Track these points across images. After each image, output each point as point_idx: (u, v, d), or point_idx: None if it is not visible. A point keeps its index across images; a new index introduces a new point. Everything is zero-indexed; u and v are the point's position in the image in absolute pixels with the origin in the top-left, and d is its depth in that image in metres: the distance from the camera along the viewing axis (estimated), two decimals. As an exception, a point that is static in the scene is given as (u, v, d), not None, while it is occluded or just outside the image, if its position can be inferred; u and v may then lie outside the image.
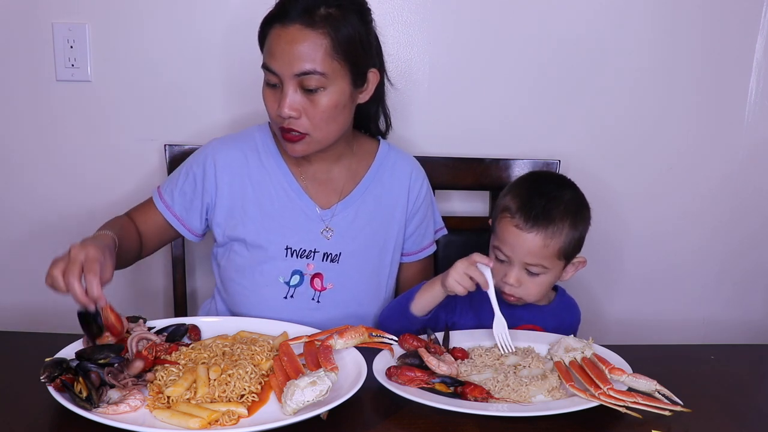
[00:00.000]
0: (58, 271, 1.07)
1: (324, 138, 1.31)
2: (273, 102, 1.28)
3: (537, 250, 1.28)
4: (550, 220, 1.27)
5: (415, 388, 1.06)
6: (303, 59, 1.23)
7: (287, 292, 1.37)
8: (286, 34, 1.23)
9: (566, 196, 1.32)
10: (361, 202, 1.42)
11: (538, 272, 1.30)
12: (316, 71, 1.24)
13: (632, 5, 1.73)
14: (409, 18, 1.71)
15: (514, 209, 1.30)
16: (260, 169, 1.39)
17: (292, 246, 1.37)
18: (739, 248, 1.91)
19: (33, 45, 1.67)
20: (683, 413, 1.02)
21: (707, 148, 1.84)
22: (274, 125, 1.33)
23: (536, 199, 1.29)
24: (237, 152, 1.39)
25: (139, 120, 1.72)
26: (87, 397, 0.95)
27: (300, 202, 1.39)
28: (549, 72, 1.76)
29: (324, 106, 1.26)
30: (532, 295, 1.33)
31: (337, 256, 1.38)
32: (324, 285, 1.38)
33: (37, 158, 1.74)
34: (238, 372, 1.02)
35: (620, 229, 1.88)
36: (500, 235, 1.32)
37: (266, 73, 1.28)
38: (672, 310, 1.94)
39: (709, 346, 1.49)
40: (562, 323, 1.38)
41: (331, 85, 1.26)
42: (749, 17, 1.76)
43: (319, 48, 1.23)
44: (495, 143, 1.78)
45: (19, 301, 1.80)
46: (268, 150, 1.41)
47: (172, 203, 1.41)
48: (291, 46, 1.23)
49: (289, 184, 1.39)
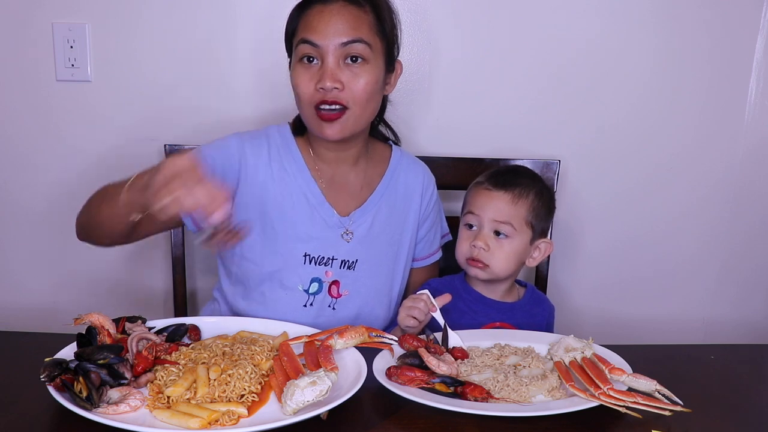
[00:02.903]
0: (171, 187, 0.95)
1: (360, 116, 1.29)
2: (309, 80, 1.25)
3: (506, 208, 1.35)
4: (516, 183, 1.37)
5: (415, 388, 1.06)
6: (350, 28, 1.24)
7: (306, 300, 1.36)
8: (329, 10, 1.24)
9: (533, 176, 1.43)
10: (377, 209, 1.41)
11: (507, 233, 1.35)
12: (363, 39, 1.25)
13: (632, 6, 1.73)
14: (409, 18, 1.71)
15: (484, 179, 1.41)
16: (282, 172, 1.36)
17: (311, 253, 1.35)
18: (739, 248, 1.91)
19: (33, 45, 1.67)
20: (683, 413, 1.02)
21: (707, 148, 1.84)
22: (308, 107, 1.28)
23: (504, 171, 1.44)
24: (262, 152, 1.35)
25: (139, 120, 1.72)
26: (87, 397, 0.95)
27: (320, 208, 1.37)
28: (549, 72, 1.76)
29: (365, 80, 1.26)
30: (500, 262, 1.36)
31: (354, 263, 1.38)
32: (340, 292, 1.37)
33: (37, 158, 1.74)
34: (238, 372, 1.02)
35: (620, 229, 1.88)
36: (470, 201, 1.40)
37: (304, 46, 1.25)
38: (672, 310, 1.94)
39: (709, 346, 1.48)
40: (533, 318, 1.40)
41: (373, 60, 1.27)
42: (749, 17, 1.76)
43: (364, 21, 1.26)
44: (495, 143, 1.78)
45: (19, 301, 1.81)
46: (290, 152, 1.37)
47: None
48: (336, 18, 1.24)
49: (311, 190, 1.36)
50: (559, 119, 1.79)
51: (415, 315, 1.25)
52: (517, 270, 1.42)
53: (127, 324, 1.18)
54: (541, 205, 1.38)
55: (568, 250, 1.85)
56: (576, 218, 1.84)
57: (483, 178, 1.41)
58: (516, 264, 1.39)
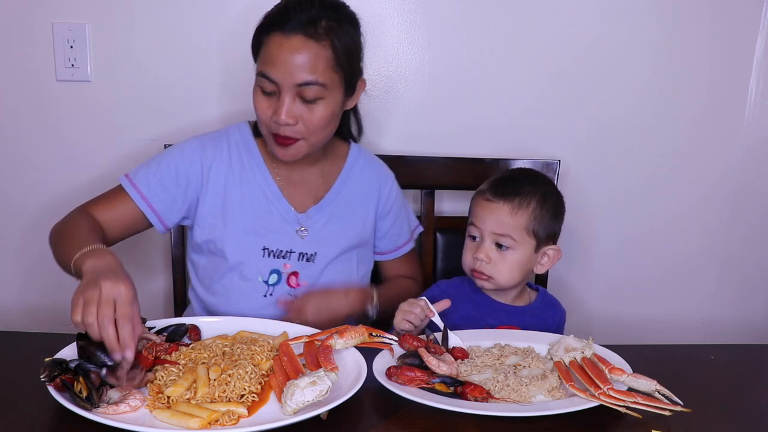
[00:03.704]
0: (91, 310, 1.01)
1: (316, 143, 1.34)
2: (267, 108, 1.30)
3: (504, 219, 1.33)
4: (517, 192, 1.34)
5: (415, 388, 1.06)
6: (305, 70, 1.24)
7: (266, 290, 1.39)
8: (289, 44, 1.24)
9: (538, 180, 1.40)
10: (334, 205, 1.45)
11: (508, 245, 1.34)
12: (318, 82, 1.25)
13: (632, 6, 1.73)
14: (409, 18, 1.72)
15: (486, 187, 1.39)
16: (242, 170, 1.40)
17: (269, 246, 1.39)
18: (739, 248, 1.91)
19: (33, 45, 1.67)
20: (683, 413, 1.02)
21: (707, 148, 1.84)
22: (265, 129, 1.34)
23: (507, 178, 1.41)
24: (222, 152, 1.40)
25: (139, 120, 1.72)
26: (87, 396, 0.95)
27: (277, 204, 1.41)
28: (549, 72, 1.76)
29: (320, 115, 1.29)
30: (504, 274, 1.35)
31: (313, 256, 1.41)
32: (299, 282, 1.41)
33: (37, 158, 1.74)
34: (238, 372, 1.02)
35: (620, 228, 1.88)
36: (472, 211, 1.39)
37: (262, 80, 1.28)
38: (672, 310, 1.94)
39: (709, 346, 1.48)
40: (543, 323, 1.38)
41: (329, 96, 1.29)
42: (749, 17, 1.76)
43: (321, 60, 1.25)
44: (495, 143, 1.78)
45: (19, 301, 1.81)
46: (249, 150, 1.42)
47: (149, 193, 1.36)
48: (293, 56, 1.24)
49: (269, 187, 1.41)
50: (559, 119, 1.79)
51: (411, 320, 1.26)
52: (524, 278, 1.40)
53: (127, 324, 1.18)
54: (545, 212, 1.35)
55: (567, 250, 1.84)
56: (576, 218, 1.83)
57: (485, 186, 1.39)
58: (521, 273, 1.38)
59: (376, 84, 1.75)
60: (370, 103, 1.73)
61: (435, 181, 1.71)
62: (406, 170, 1.68)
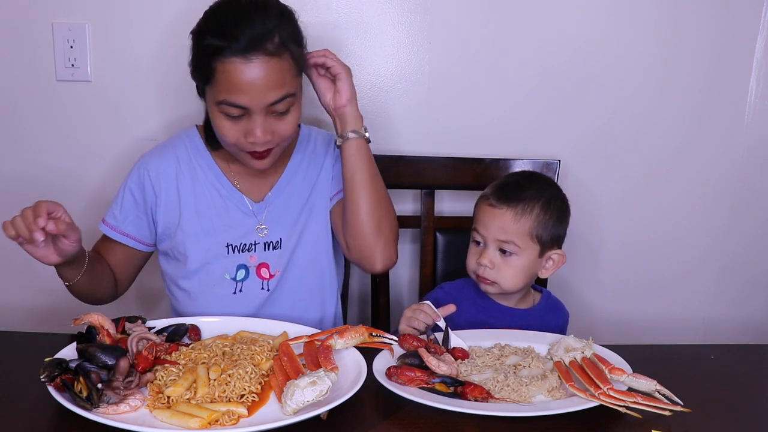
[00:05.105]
0: (18, 218, 1.13)
1: (287, 143, 1.34)
2: (236, 132, 1.26)
3: (507, 226, 1.33)
4: (520, 198, 1.34)
5: (415, 388, 1.06)
6: (275, 88, 1.22)
7: (235, 287, 1.39)
8: (251, 69, 1.19)
9: (542, 185, 1.40)
10: (292, 186, 1.43)
11: (511, 251, 1.33)
12: (288, 94, 1.24)
13: (632, 6, 1.73)
14: (409, 18, 1.71)
15: (489, 192, 1.39)
16: (192, 172, 1.40)
17: (232, 242, 1.39)
18: (739, 248, 1.91)
19: (33, 45, 1.67)
20: (683, 413, 1.02)
21: (707, 148, 1.84)
22: (235, 149, 1.30)
23: (510, 183, 1.40)
24: (168, 159, 1.40)
25: (139, 120, 1.72)
26: (87, 396, 0.95)
27: (233, 198, 1.40)
28: (549, 72, 1.76)
29: (292, 121, 1.29)
30: (508, 279, 1.35)
31: (279, 242, 1.40)
32: (271, 273, 1.40)
33: (37, 158, 1.74)
34: (238, 372, 1.02)
35: (620, 228, 1.88)
36: (476, 217, 1.39)
37: (227, 107, 1.23)
38: (672, 310, 1.94)
39: (709, 346, 1.49)
40: (546, 325, 1.37)
41: (297, 101, 1.29)
42: (749, 17, 1.76)
43: (286, 73, 1.23)
44: (495, 143, 1.78)
45: (19, 301, 1.80)
46: (198, 152, 1.41)
47: (120, 225, 1.40)
48: (260, 80, 1.20)
49: (221, 183, 1.40)
50: (559, 119, 1.79)
51: (416, 326, 1.26)
52: (528, 283, 1.40)
53: (127, 324, 1.18)
54: (549, 217, 1.35)
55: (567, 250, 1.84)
56: (575, 218, 1.83)
57: (488, 191, 1.39)
58: (525, 278, 1.37)
59: (376, 84, 1.75)
60: (371, 103, 1.73)
61: (435, 181, 1.71)
62: (406, 170, 1.68)
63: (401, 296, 1.88)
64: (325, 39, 1.71)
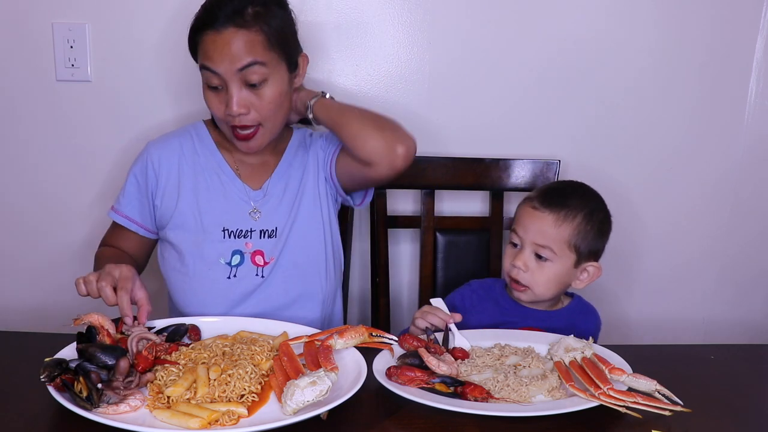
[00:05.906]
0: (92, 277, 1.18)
1: (274, 126, 1.38)
2: (219, 104, 1.34)
3: (547, 230, 1.31)
4: (564, 204, 1.32)
5: (415, 388, 1.06)
6: (242, 53, 1.29)
7: (230, 272, 1.40)
8: (221, 38, 1.29)
9: (588, 195, 1.38)
10: (288, 173, 1.46)
11: (547, 257, 1.32)
12: (257, 61, 1.30)
13: (632, 6, 1.73)
14: (409, 18, 1.71)
15: (535, 195, 1.37)
16: (194, 156, 1.44)
17: (229, 227, 1.40)
18: (739, 248, 1.91)
19: (33, 45, 1.67)
20: (683, 413, 1.02)
21: (707, 148, 1.84)
22: (225, 126, 1.38)
23: (557, 189, 1.39)
24: (173, 145, 1.44)
25: (139, 120, 1.72)
26: (87, 396, 0.95)
27: (232, 185, 1.43)
28: (549, 72, 1.76)
29: (270, 96, 1.33)
30: (540, 285, 1.34)
31: (274, 231, 1.42)
32: (266, 260, 1.41)
33: (37, 158, 1.74)
34: (238, 372, 1.02)
35: (620, 230, 1.86)
36: (517, 218, 1.37)
37: (206, 74, 1.32)
38: (672, 310, 1.94)
39: (709, 346, 1.48)
40: (573, 327, 1.34)
41: (272, 75, 1.33)
42: (749, 17, 1.76)
43: (256, 42, 1.30)
44: (495, 143, 1.78)
45: (19, 301, 1.80)
46: (202, 140, 1.46)
47: (123, 209, 1.44)
48: (229, 47, 1.28)
49: (222, 169, 1.43)
50: (559, 119, 1.79)
51: (432, 321, 1.26)
52: (560, 291, 1.39)
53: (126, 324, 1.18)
54: (590, 228, 1.33)
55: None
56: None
57: (534, 194, 1.38)
58: (558, 287, 1.36)
59: (376, 84, 1.75)
60: (371, 103, 1.73)
61: (435, 181, 1.71)
62: (406, 170, 1.68)
63: (401, 296, 1.88)
64: (325, 39, 1.71)
